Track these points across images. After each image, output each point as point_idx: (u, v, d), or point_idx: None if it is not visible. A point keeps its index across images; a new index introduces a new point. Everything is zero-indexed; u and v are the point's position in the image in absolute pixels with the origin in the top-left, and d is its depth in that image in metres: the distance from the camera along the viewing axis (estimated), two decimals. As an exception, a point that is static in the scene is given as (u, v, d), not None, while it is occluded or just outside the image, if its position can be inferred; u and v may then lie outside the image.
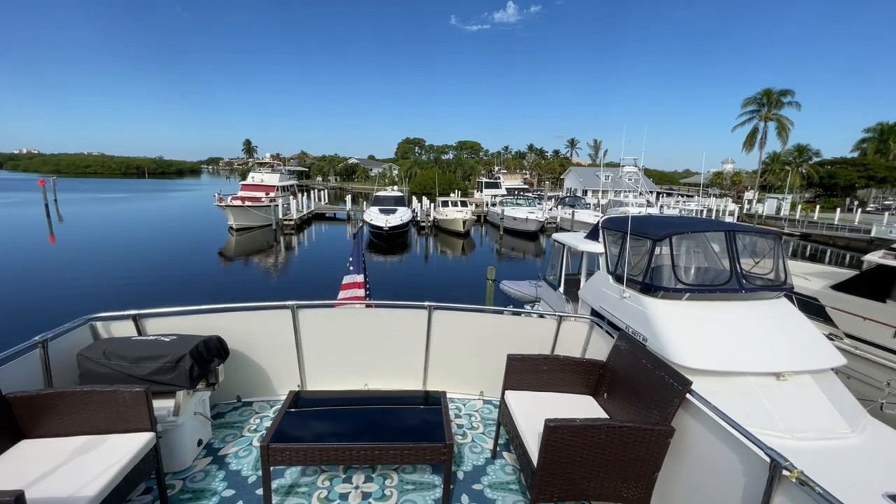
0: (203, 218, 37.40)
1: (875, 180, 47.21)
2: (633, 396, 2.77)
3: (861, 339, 7.61)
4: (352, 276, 5.93)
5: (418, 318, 3.85)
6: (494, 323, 4.22)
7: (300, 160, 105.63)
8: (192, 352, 2.88)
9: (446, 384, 3.89)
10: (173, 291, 15.93)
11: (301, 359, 3.79)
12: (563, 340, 3.91)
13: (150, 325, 3.48)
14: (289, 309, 3.63)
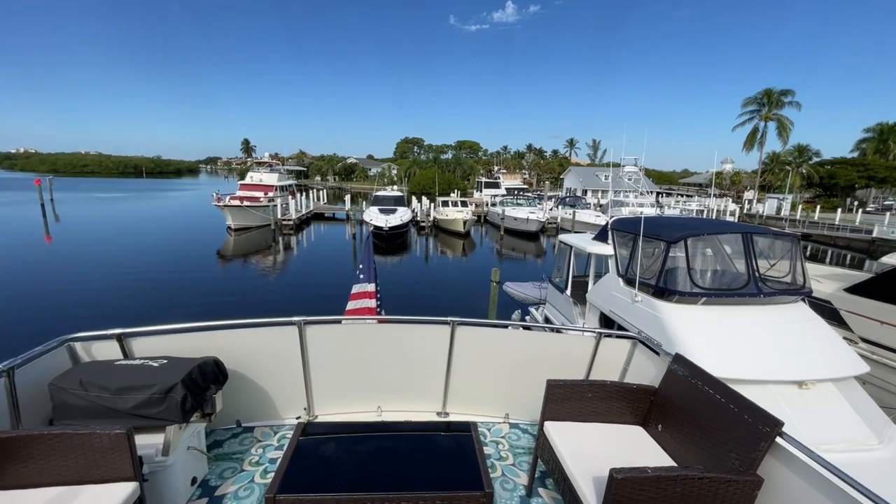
0: (201, 218, 37.11)
1: (875, 180, 47.15)
2: (698, 432, 2.40)
3: (878, 344, 7.42)
4: (362, 286, 5.59)
5: (439, 335, 3.47)
6: (524, 339, 3.82)
7: (299, 160, 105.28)
8: (184, 380, 2.48)
9: (468, 406, 3.59)
10: (170, 295, 15.68)
11: (308, 380, 3.43)
12: (601, 360, 3.49)
13: (138, 345, 3.04)
14: (295, 325, 3.23)
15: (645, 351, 3.30)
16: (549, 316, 10.08)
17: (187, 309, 13.98)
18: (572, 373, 3.43)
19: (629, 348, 3.42)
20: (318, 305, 14.89)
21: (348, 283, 18.61)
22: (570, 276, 9.24)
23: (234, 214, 29.51)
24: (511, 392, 3.60)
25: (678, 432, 2.55)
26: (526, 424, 3.57)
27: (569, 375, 3.34)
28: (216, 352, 2.97)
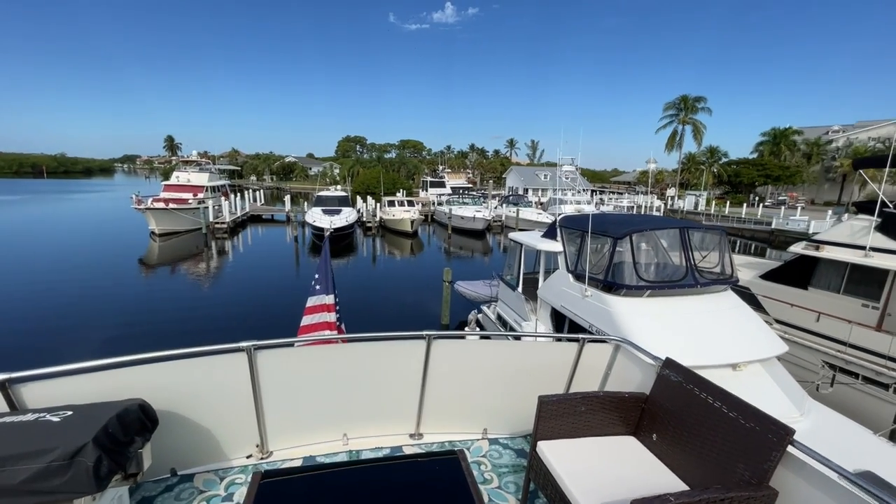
0: (118, 223, 33.40)
1: (771, 178, 53.61)
2: (698, 441, 2.27)
3: (790, 324, 8.33)
4: (319, 298, 5.07)
5: (413, 350, 3.12)
6: (504, 350, 3.60)
7: (231, 158, 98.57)
8: (98, 437, 1.87)
9: (444, 424, 3.33)
10: (79, 318, 13.87)
11: (260, 412, 2.90)
12: (583, 366, 3.30)
13: (32, 394, 2.27)
14: (243, 352, 2.69)
15: (629, 354, 3.13)
16: (502, 314, 10.22)
17: (103, 332, 12.43)
18: (553, 382, 3.30)
19: (611, 352, 3.25)
20: (261, 319, 13.94)
21: (292, 291, 17.68)
22: (522, 273, 9.42)
23: (158, 218, 26.89)
24: (489, 405, 3.39)
25: (676, 442, 2.42)
26: (505, 439, 3.36)
27: (550, 385, 3.22)
28: (142, 392, 2.37)
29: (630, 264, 6.53)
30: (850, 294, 7.99)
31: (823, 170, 58.20)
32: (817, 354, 7.68)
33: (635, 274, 6.40)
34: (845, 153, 54.19)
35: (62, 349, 10.84)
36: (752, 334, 6.08)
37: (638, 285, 6.34)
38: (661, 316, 6.14)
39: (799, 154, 56.85)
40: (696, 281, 6.43)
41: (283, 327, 12.71)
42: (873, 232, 7.39)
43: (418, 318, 13.88)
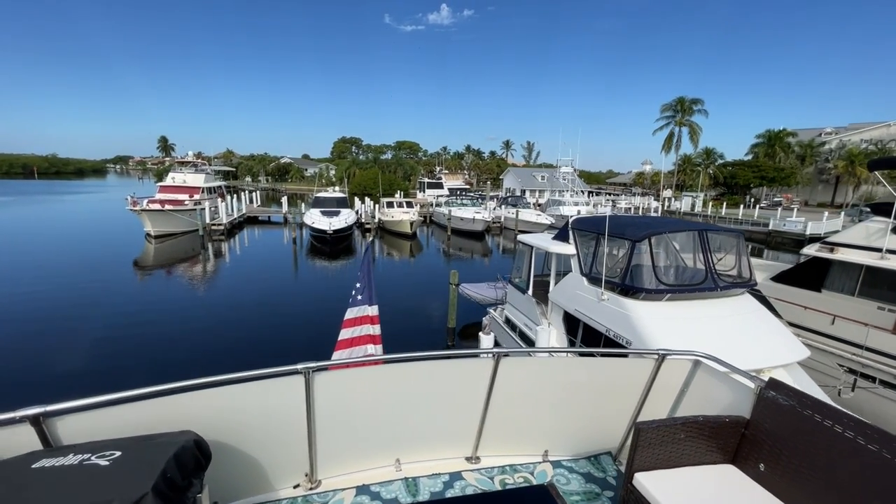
0: (111, 225, 32.91)
1: (766, 180, 54.03)
2: (822, 475, 2.03)
3: (803, 327, 8.25)
4: (361, 308, 4.71)
5: (478, 369, 2.87)
6: (572, 366, 3.32)
7: (226, 159, 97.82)
8: (157, 486, 1.55)
9: (502, 446, 3.09)
10: (73, 320, 13.59)
11: (312, 439, 2.65)
12: (660, 384, 2.99)
13: (68, 429, 1.96)
14: (301, 374, 2.43)
15: (713, 372, 2.81)
16: (511, 317, 10.08)
17: (97, 336, 12.17)
18: (623, 400, 3.04)
19: (689, 369, 2.92)
20: (262, 324, 13.72)
21: (295, 296, 17.34)
22: (532, 276, 9.27)
23: (153, 220, 26.49)
24: (551, 424, 3.12)
25: (789, 473, 2.16)
26: (569, 461, 3.12)
27: (619, 403, 3.02)
28: (190, 424, 2.08)
29: (649, 267, 6.41)
30: (865, 297, 7.92)
31: (817, 171, 58.77)
32: (833, 358, 7.60)
33: (655, 277, 6.28)
34: (838, 155, 54.74)
35: (54, 357, 10.56)
36: (775, 339, 5.97)
37: (658, 289, 6.22)
38: (683, 320, 6.02)
39: (793, 156, 57.39)
40: (716, 284, 6.33)
41: (287, 331, 12.51)
42: (890, 234, 7.33)
43: (424, 321, 13.70)
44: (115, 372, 9.75)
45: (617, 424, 3.11)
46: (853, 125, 62.15)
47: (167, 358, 10.57)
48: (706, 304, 6.31)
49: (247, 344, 11.61)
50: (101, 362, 10.27)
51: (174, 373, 9.79)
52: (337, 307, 15.27)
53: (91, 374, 9.67)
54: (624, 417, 3.08)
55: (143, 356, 10.60)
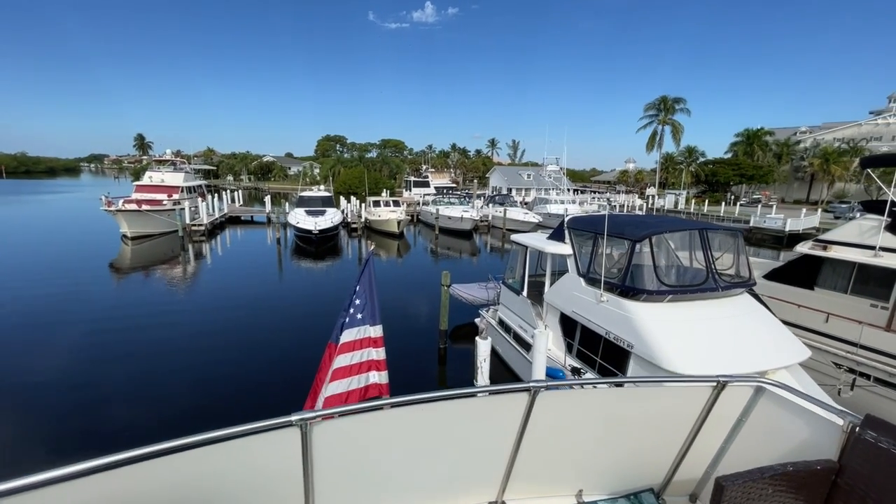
0: (86, 226, 31.62)
1: (745, 177, 55.27)
2: None
3: (796, 326, 8.24)
4: (361, 329, 4.00)
5: (511, 406, 2.43)
6: (612, 398, 2.89)
7: (206, 158, 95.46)
8: None
9: (531, 488, 2.71)
10: (44, 326, 12.91)
11: (310, 498, 2.22)
12: (715, 414, 2.55)
13: None
14: (295, 427, 1.98)
15: (779, 401, 2.34)
16: (505, 319, 9.88)
17: (70, 343, 11.55)
18: (669, 432, 2.67)
19: (750, 397, 2.45)
20: (246, 329, 13.23)
21: (281, 299, 16.65)
22: (527, 277, 9.08)
23: (130, 220, 25.50)
24: (587, 462, 2.76)
25: None
26: (606, 500, 2.78)
27: (664, 435, 2.66)
28: (159, 497, 1.77)
29: (650, 268, 6.27)
30: (857, 294, 7.96)
31: (793, 169, 60.43)
32: (828, 356, 7.60)
33: (656, 278, 6.14)
34: (813, 153, 56.38)
35: (21, 369, 9.94)
36: (777, 340, 5.89)
37: (659, 290, 6.08)
38: (686, 322, 5.90)
39: (770, 154, 58.85)
40: (717, 285, 6.22)
41: (274, 336, 12.05)
42: (883, 231, 7.36)
43: (414, 323, 13.41)
44: (89, 387, 9.24)
45: (661, 458, 2.74)
46: (826, 124, 64.13)
47: (145, 370, 10.05)
48: (708, 305, 6.20)
49: (231, 352, 11.15)
50: (74, 375, 9.71)
51: (153, 386, 9.36)
52: (326, 311, 14.88)
53: (63, 388, 9.14)
54: (670, 450, 2.69)
55: (118, 368, 10.05)
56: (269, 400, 8.78)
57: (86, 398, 8.76)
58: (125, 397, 8.81)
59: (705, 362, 5.39)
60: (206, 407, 8.61)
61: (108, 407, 8.48)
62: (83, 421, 8.04)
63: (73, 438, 7.52)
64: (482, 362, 6.18)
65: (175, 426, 7.81)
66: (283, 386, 9.38)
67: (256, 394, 9.08)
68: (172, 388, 9.19)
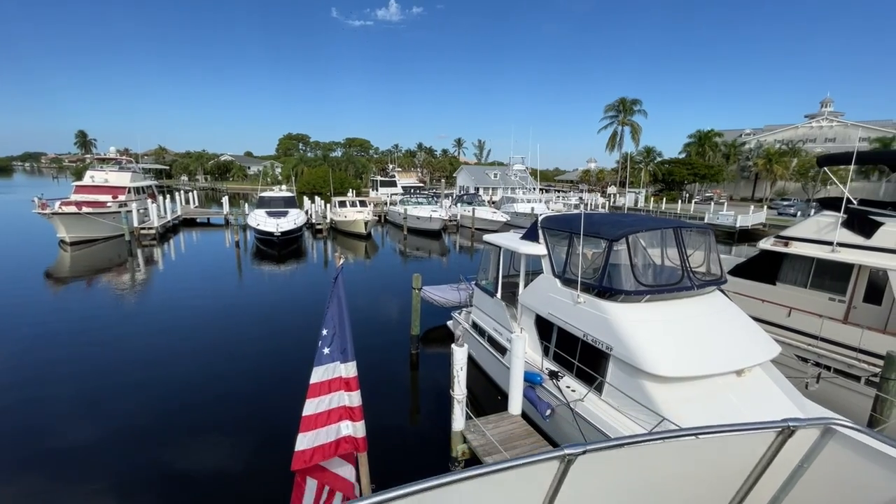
0: (17, 231, 28.78)
1: (698, 177, 58.16)
2: None
3: (761, 320, 8.46)
4: (330, 368, 3.36)
5: (537, 478, 1.86)
6: (655, 455, 2.22)
7: (157, 156, 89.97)
8: None
9: None
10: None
11: None
12: (779, 464, 2.12)
13: None
14: None
15: (855, 446, 1.93)
16: (479, 322, 9.62)
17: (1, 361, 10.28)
18: (720, 486, 2.24)
19: (815, 440, 2.04)
20: (206, 342, 12.30)
21: (236, 306, 15.61)
22: (500, 278, 8.86)
23: (68, 224, 23.36)
24: None
25: None
26: None
27: (715, 490, 2.22)
28: None
29: (627, 267, 6.17)
30: (816, 288, 8.28)
31: (739, 168, 64.25)
32: (791, 349, 7.84)
33: (633, 278, 6.04)
34: (757, 154, 60.17)
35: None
36: (751, 337, 5.94)
37: (637, 290, 5.99)
38: (664, 322, 5.83)
39: (720, 154, 62.24)
40: (692, 283, 6.20)
41: (232, 346, 11.18)
42: (840, 228, 7.66)
43: (384, 329, 12.92)
44: (24, 410, 8.20)
45: None
46: (768, 126, 68.59)
47: (87, 389, 9.05)
48: (683, 304, 6.18)
49: (184, 368, 10.26)
50: (6, 396, 8.59)
51: (96, 409, 8.35)
52: (289, 319, 14.10)
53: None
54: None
55: (58, 389, 9.00)
56: (224, 418, 8.17)
57: (21, 421, 7.84)
58: (66, 421, 7.92)
59: (686, 363, 5.33)
60: (154, 422, 7.93)
61: (47, 432, 7.57)
62: (21, 445, 7.23)
63: (11, 463, 6.78)
64: (459, 371, 5.87)
65: (122, 450, 7.16)
66: (243, 404, 8.73)
67: (210, 413, 8.37)
68: (118, 411, 8.31)
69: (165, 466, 6.83)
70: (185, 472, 6.70)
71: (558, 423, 6.58)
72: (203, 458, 7.00)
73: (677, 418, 4.89)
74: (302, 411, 3.24)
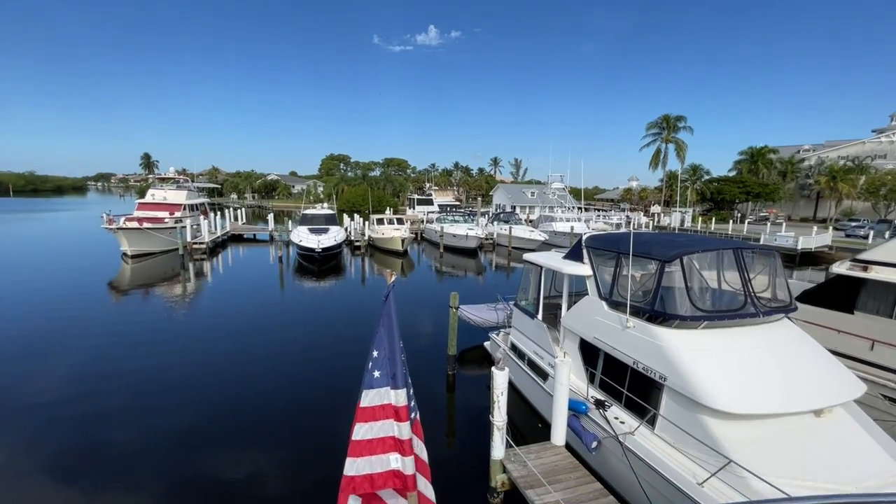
0: (87, 244, 31.37)
1: (751, 195, 54.91)
2: None
3: (837, 353, 7.60)
4: (381, 393, 3.14)
5: None
6: None
7: (211, 176, 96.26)
8: None
9: None
10: (35, 351, 12.43)
11: None
12: None
13: None
14: None
15: None
16: (518, 344, 9.27)
17: (67, 365, 11.02)
18: None
19: None
20: (249, 351, 12.68)
21: (278, 316, 15.93)
22: (541, 299, 8.52)
23: (130, 238, 25.19)
24: None
25: None
26: None
27: None
28: None
29: (682, 291, 5.71)
30: (904, 319, 7.35)
31: (798, 187, 60.13)
32: (875, 388, 6.95)
33: (689, 302, 5.58)
34: (818, 171, 56.16)
35: (19, 393, 9.39)
36: (830, 372, 5.29)
37: (693, 315, 5.52)
38: (725, 352, 5.31)
39: (775, 172, 58.64)
40: (757, 310, 5.65)
41: (272, 358, 11.40)
42: (930, 251, 6.81)
43: (419, 347, 12.76)
44: (88, 408, 8.89)
45: None
46: (829, 142, 64.07)
47: (142, 391, 9.55)
48: (746, 333, 5.62)
49: (229, 374, 10.58)
50: (74, 395, 9.35)
51: (150, 408, 8.77)
52: (327, 333, 14.28)
53: (64, 407, 8.82)
54: None
55: (116, 389, 9.67)
56: (265, 424, 8.41)
57: (85, 419, 8.53)
58: (124, 418, 8.60)
59: (754, 399, 4.79)
60: (204, 428, 8.33)
61: (109, 428, 8.26)
62: (86, 441, 7.91)
63: (80, 457, 7.42)
64: (499, 396, 5.59)
65: (172, 447, 7.65)
66: (281, 411, 8.90)
67: (252, 418, 8.65)
68: (170, 410, 8.88)
69: (210, 473, 7.01)
70: (228, 481, 6.79)
71: (605, 457, 6.10)
72: (245, 468, 7.04)
73: (747, 462, 4.36)
74: (350, 433, 3.08)
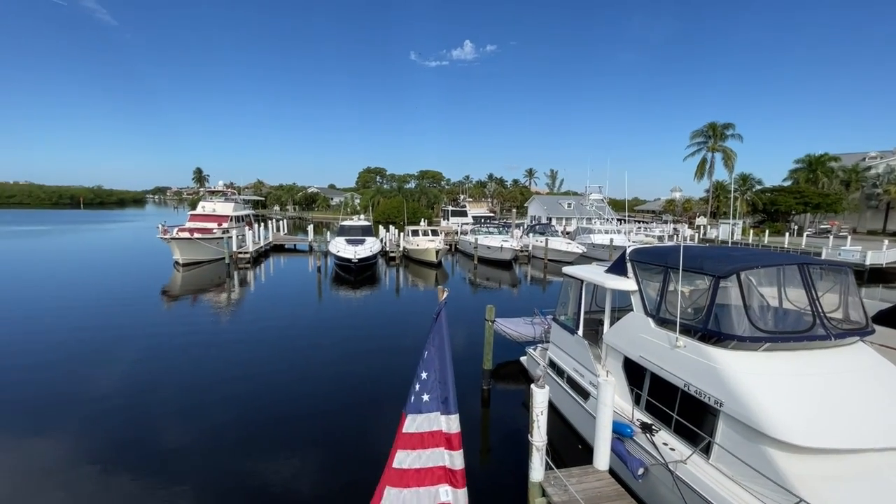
0: (143, 253, 33.68)
1: (810, 206, 51.13)
2: None
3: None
4: (430, 418, 2.90)
5: None
6: None
7: (256, 189, 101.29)
8: None
9: None
10: (93, 350, 13.30)
11: None
12: None
13: None
14: None
15: None
16: (557, 360, 8.94)
17: (123, 364, 11.72)
18: None
19: None
20: (287, 359, 13.03)
21: (315, 325, 16.21)
22: (582, 314, 8.19)
23: (182, 248, 26.79)
24: None
25: None
26: None
27: None
28: None
29: (739, 309, 5.29)
30: None
31: (864, 197, 55.40)
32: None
33: (748, 321, 5.15)
34: (887, 179, 51.61)
35: (82, 388, 10.08)
36: (916, 404, 4.70)
37: (753, 336, 5.08)
38: (792, 377, 4.84)
39: (837, 181, 54.39)
40: (827, 332, 5.14)
41: (309, 366, 11.65)
42: None
43: (453, 360, 12.61)
44: (139, 407, 9.46)
45: None
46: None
47: (191, 392, 10.02)
48: (816, 357, 5.11)
49: (269, 379, 10.89)
50: (128, 395, 10.00)
51: (197, 408, 9.17)
52: (361, 344, 14.43)
53: (119, 406, 9.46)
54: None
55: (167, 390, 10.27)
56: (300, 428, 8.67)
57: (137, 418, 9.07)
58: (173, 418, 9.09)
59: (827, 431, 4.31)
60: (241, 429, 8.67)
61: (159, 428, 8.73)
62: (136, 431, 8.54)
63: (132, 453, 7.85)
64: (539, 415, 5.35)
65: (219, 447, 8.02)
66: (316, 416, 9.15)
67: (288, 422, 8.92)
68: (215, 411, 9.35)
69: (243, 472, 7.20)
70: (262, 483, 6.91)
71: (653, 486, 5.69)
72: (281, 471, 7.13)
73: (820, 501, 3.90)
74: (390, 459, 2.82)
